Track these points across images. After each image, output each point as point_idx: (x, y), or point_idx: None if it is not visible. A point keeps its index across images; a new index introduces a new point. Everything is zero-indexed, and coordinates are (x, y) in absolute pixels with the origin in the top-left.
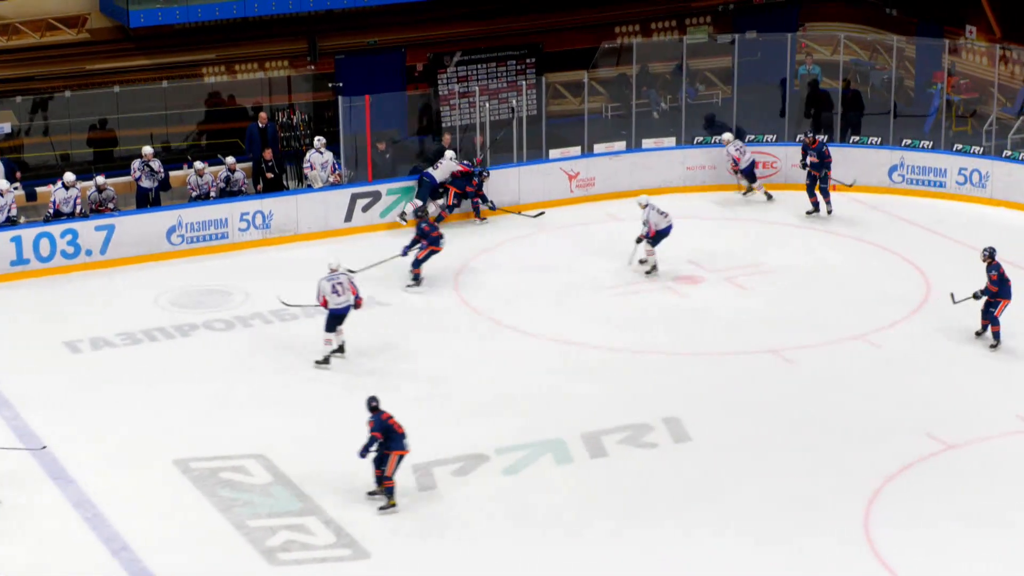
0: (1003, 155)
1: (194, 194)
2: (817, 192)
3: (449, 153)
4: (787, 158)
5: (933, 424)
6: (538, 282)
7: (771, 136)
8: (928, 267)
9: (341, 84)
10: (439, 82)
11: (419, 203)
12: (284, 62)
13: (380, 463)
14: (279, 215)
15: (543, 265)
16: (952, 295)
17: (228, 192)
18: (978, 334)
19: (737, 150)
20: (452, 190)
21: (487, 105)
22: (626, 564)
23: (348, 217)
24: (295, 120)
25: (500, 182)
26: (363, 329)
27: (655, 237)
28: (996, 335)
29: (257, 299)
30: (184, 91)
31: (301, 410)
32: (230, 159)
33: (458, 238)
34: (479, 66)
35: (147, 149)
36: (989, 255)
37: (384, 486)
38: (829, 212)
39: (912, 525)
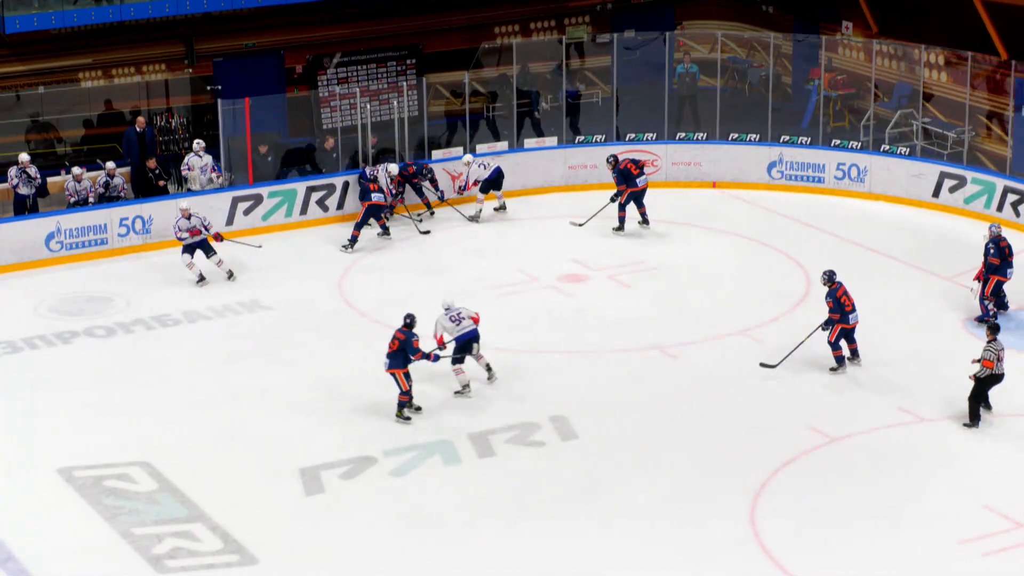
0: (881, 150)
1: (72, 200)
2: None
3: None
4: (667, 156)
5: (816, 418)
6: (423, 284)
7: (651, 135)
8: (808, 262)
9: (220, 87)
10: (319, 84)
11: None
12: (161, 66)
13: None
14: (159, 220)
15: (428, 267)
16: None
17: (108, 198)
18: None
19: (480, 166)
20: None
21: (368, 106)
22: (516, 561)
23: (229, 220)
24: (174, 124)
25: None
26: (245, 333)
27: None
28: (839, 359)
29: (138, 305)
30: (61, 96)
31: (185, 416)
32: (110, 164)
33: (339, 241)
34: (359, 67)
35: (24, 156)
36: (828, 279)
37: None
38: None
39: (798, 517)
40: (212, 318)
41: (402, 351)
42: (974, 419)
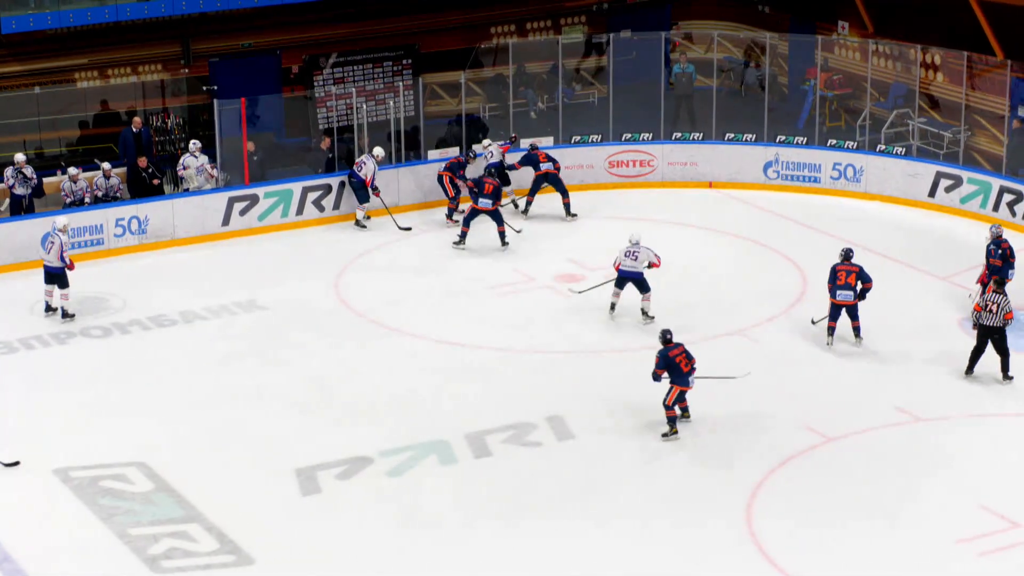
0: (877, 149)
1: (68, 200)
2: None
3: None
4: (663, 156)
5: (812, 417)
6: (420, 283)
7: (647, 135)
8: (804, 263)
9: (216, 87)
10: (315, 84)
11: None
12: (157, 66)
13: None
14: (155, 220)
15: (424, 266)
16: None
17: (105, 199)
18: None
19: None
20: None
21: (364, 106)
22: (513, 562)
23: (225, 221)
24: (170, 124)
25: (380, 184)
26: (242, 333)
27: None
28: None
29: (135, 306)
30: (57, 97)
31: (181, 416)
32: (106, 165)
33: (336, 241)
34: (355, 67)
35: (19, 156)
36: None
37: (666, 415)
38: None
39: (794, 517)
40: (208, 318)
41: None
42: (968, 370)
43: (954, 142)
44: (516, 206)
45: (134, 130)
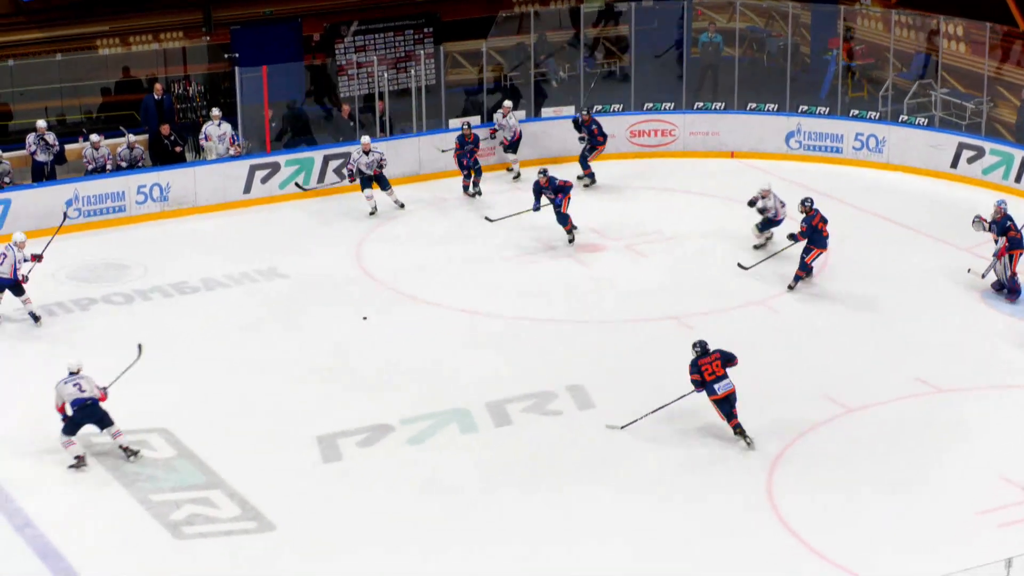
0: (899, 120)
1: (90, 167)
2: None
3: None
4: (685, 126)
5: (832, 388)
6: (440, 252)
7: (669, 104)
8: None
9: (237, 55)
10: (336, 52)
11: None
12: (179, 33)
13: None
14: (177, 187)
15: (445, 235)
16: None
17: (128, 168)
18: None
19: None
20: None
21: (385, 75)
22: (532, 529)
23: (247, 189)
24: (191, 92)
25: (401, 151)
26: (264, 301)
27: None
28: (797, 278)
29: (156, 272)
30: (78, 64)
31: (203, 383)
32: (131, 136)
33: (355, 208)
34: (376, 36)
35: (41, 123)
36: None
37: (731, 424)
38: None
39: (814, 487)
40: (230, 286)
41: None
42: None
43: (976, 113)
44: (511, 171)
45: (156, 97)
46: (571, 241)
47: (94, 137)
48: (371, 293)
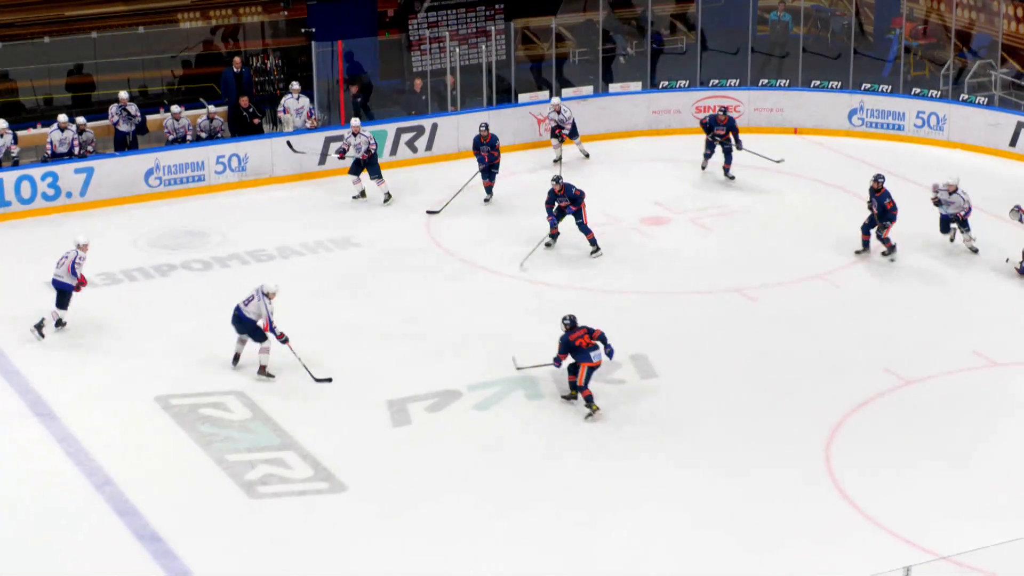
0: (960, 99)
1: (171, 137)
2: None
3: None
4: (750, 102)
5: (891, 360)
6: (507, 224)
7: (734, 81)
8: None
9: (314, 30)
10: (410, 28)
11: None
12: (258, 8)
13: (573, 371)
14: (255, 158)
15: (512, 207)
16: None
17: (208, 139)
18: (858, 252)
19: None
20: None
21: (457, 50)
22: (596, 493)
23: (322, 160)
24: (269, 65)
25: (471, 125)
26: (336, 268)
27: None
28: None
29: (234, 240)
30: (160, 37)
31: (278, 347)
32: (211, 107)
33: (427, 181)
34: (449, 12)
35: (123, 94)
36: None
37: (583, 395)
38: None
39: (871, 457)
40: (304, 254)
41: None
42: None
43: None
44: (585, 155)
45: (235, 70)
46: (595, 252)
47: (175, 108)
48: (441, 263)
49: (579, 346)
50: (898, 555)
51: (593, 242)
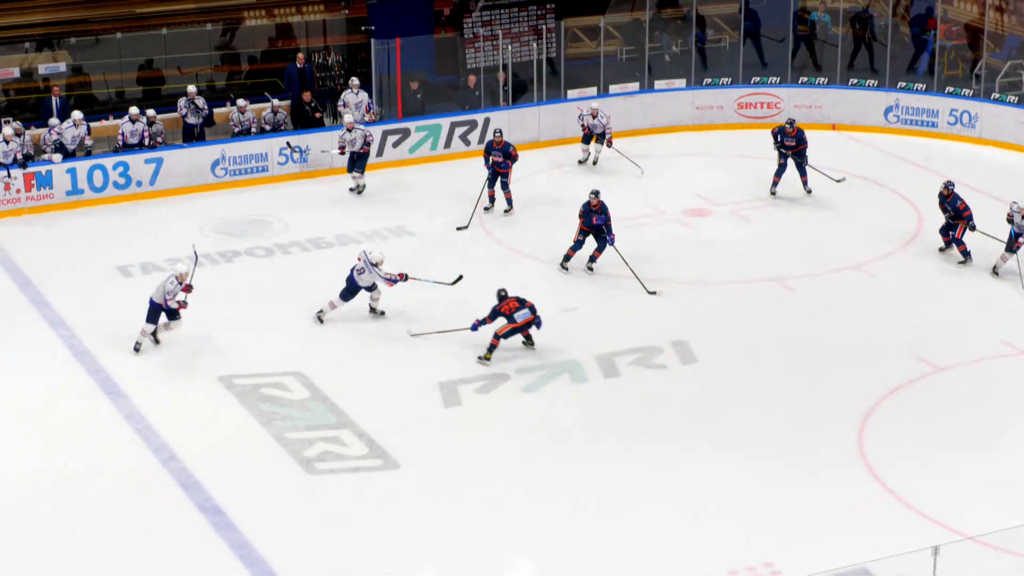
0: (991, 97)
1: (236, 130)
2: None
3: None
4: (790, 99)
5: (923, 348)
6: (555, 215)
7: (775, 78)
8: (920, 202)
9: (373, 27)
10: (464, 26)
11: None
12: (320, 6)
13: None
14: (316, 150)
15: (560, 199)
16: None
17: (272, 131)
18: (941, 250)
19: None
20: None
21: (509, 48)
22: (635, 476)
23: (379, 152)
24: (330, 61)
25: (521, 120)
26: (393, 254)
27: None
28: (965, 253)
29: (295, 228)
30: (226, 33)
31: (337, 331)
32: (275, 100)
33: (480, 175)
34: (502, 11)
35: (191, 88)
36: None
37: (492, 342)
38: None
39: (903, 442)
40: (362, 242)
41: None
42: None
43: None
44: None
45: (298, 66)
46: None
47: (240, 102)
48: (492, 251)
49: (503, 311)
50: (927, 536)
51: (510, 201)
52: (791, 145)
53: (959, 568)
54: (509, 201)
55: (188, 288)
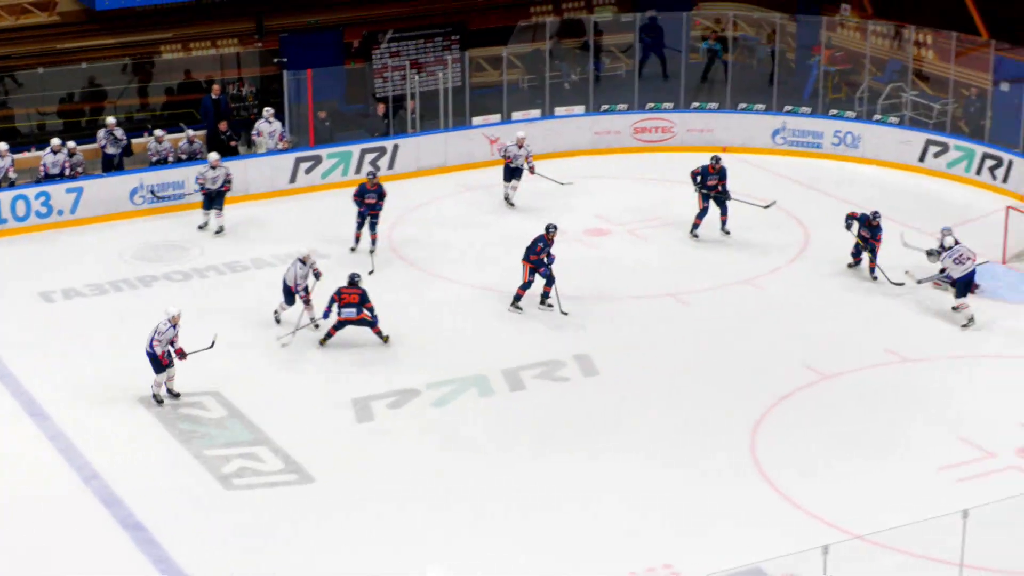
0: (873, 119)
1: (154, 159)
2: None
3: None
4: (683, 123)
5: (811, 357)
6: (464, 236)
7: (669, 104)
8: (807, 219)
9: (285, 59)
10: (373, 57)
11: None
12: (234, 40)
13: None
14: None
15: (468, 221)
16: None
17: (188, 160)
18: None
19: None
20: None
21: (416, 77)
22: (541, 483)
23: (292, 179)
24: (244, 92)
25: (429, 146)
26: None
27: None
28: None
29: (211, 253)
30: (145, 67)
31: (252, 352)
32: (190, 131)
33: (388, 197)
34: (409, 42)
35: (111, 119)
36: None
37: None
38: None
39: (793, 447)
40: (276, 265)
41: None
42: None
43: (942, 113)
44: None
45: (213, 96)
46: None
47: (158, 132)
48: (402, 271)
49: (339, 299)
50: (817, 535)
51: (375, 242)
52: (713, 184)
53: (848, 566)
54: (375, 242)
55: (182, 353)
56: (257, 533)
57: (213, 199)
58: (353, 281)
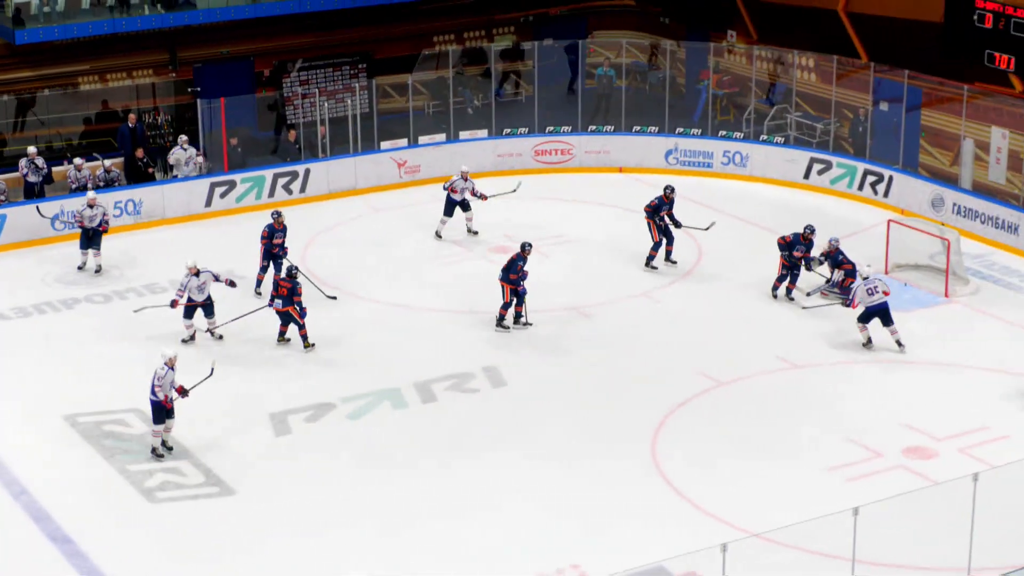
0: (760, 139)
1: (74, 186)
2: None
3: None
4: (581, 145)
5: (706, 365)
6: (375, 255)
7: (567, 127)
8: (699, 236)
9: (199, 89)
10: (284, 85)
11: None
12: (149, 71)
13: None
14: (148, 203)
15: (379, 241)
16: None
17: (106, 187)
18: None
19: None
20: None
21: (326, 104)
22: (453, 490)
23: (208, 203)
24: (160, 120)
25: (339, 170)
26: (225, 297)
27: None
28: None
29: (131, 276)
30: (63, 98)
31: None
32: (107, 162)
33: (302, 220)
34: (318, 71)
35: (32, 148)
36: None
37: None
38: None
39: (691, 450)
40: None
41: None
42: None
43: (825, 132)
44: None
45: (130, 125)
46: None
47: (77, 160)
48: (316, 290)
49: (275, 288)
50: (716, 534)
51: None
52: (669, 214)
53: (746, 562)
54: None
55: (183, 391)
56: (181, 544)
57: (91, 238)
58: (290, 273)
